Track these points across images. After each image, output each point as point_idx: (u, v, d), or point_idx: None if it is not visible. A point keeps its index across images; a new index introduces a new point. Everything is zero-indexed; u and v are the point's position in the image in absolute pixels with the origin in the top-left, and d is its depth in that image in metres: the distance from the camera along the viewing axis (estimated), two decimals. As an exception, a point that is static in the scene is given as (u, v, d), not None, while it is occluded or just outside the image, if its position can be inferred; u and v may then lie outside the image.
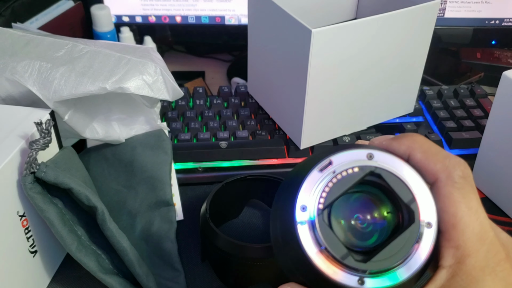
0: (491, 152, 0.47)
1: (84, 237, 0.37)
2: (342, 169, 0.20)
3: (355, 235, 0.22)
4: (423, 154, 0.21)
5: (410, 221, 0.20)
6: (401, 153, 0.22)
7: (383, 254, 0.20)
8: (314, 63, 0.44)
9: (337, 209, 0.21)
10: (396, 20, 0.46)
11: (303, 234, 0.20)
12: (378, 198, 0.22)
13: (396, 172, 0.21)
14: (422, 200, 0.21)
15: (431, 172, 0.21)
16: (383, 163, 0.21)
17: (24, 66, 0.40)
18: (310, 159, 0.22)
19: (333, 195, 0.20)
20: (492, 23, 0.65)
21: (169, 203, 0.43)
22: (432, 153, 0.21)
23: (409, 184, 0.21)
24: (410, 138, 0.22)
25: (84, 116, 0.43)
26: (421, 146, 0.22)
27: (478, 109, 0.57)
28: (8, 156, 0.33)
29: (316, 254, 0.20)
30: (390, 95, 0.53)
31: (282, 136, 0.53)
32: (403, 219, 0.21)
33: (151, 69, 0.41)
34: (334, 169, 0.20)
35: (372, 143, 0.24)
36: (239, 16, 0.67)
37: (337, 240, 0.20)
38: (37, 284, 0.38)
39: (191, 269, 0.41)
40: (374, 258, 0.20)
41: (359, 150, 0.21)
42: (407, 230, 0.20)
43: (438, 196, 0.21)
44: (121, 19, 0.66)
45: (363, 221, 0.22)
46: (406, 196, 0.21)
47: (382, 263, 0.20)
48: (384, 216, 0.22)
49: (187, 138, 0.52)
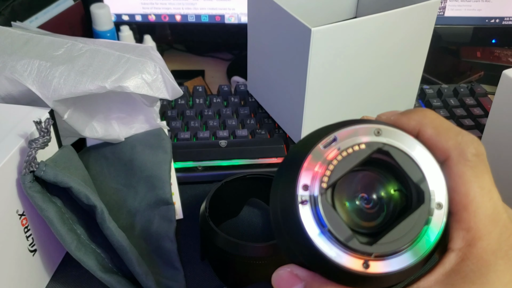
0: (491, 151, 0.47)
1: (83, 236, 0.37)
2: (347, 146, 0.19)
3: (361, 215, 0.20)
4: (434, 130, 0.20)
5: (420, 201, 0.19)
6: (410, 128, 0.21)
7: (390, 237, 0.18)
8: (313, 62, 0.44)
9: (341, 188, 0.20)
10: (396, 19, 0.46)
11: (305, 215, 0.18)
12: (385, 176, 0.20)
13: (405, 150, 0.19)
14: (433, 180, 0.19)
15: (442, 149, 0.20)
16: (391, 140, 0.19)
17: (24, 65, 0.39)
18: (314, 135, 0.20)
19: (337, 174, 0.19)
20: (492, 21, 0.65)
21: (169, 202, 0.43)
22: (443, 129, 0.20)
23: (419, 163, 0.19)
24: (420, 113, 0.21)
25: (83, 115, 0.43)
26: (432, 121, 0.20)
27: (478, 108, 0.57)
28: (8, 155, 0.33)
29: (318, 236, 0.18)
30: (390, 94, 0.53)
31: (281, 135, 0.53)
32: (411, 199, 0.20)
33: (151, 68, 0.41)
34: (339, 145, 0.19)
35: (380, 118, 0.22)
36: (239, 15, 0.67)
37: (341, 221, 0.18)
38: (37, 283, 0.38)
39: (191, 268, 0.41)
40: (380, 240, 0.18)
41: (366, 125, 0.20)
42: (416, 211, 0.19)
43: (449, 175, 0.20)
44: (121, 18, 0.66)
45: (369, 201, 0.20)
46: (416, 175, 0.19)
47: (388, 246, 0.18)
48: (391, 195, 0.20)
49: (186, 137, 0.52)
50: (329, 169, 0.19)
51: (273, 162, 0.51)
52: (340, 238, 0.18)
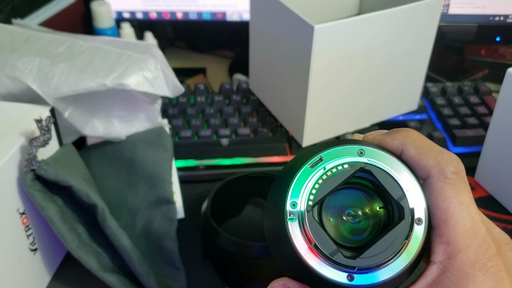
0: (495, 150, 0.47)
1: (84, 235, 0.37)
2: (332, 166, 0.21)
3: (346, 230, 0.22)
4: (416, 149, 0.21)
5: (400, 217, 0.21)
6: (394, 148, 0.22)
7: (372, 251, 0.20)
8: (316, 59, 0.43)
9: (328, 205, 0.22)
10: (400, 16, 0.46)
11: (293, 231, 0.20)
12: (370, 194, 0.22)
13: (386, 169, 0.21)
14: (413, 197, 0.21)
15: (423, 168, 0.21)
16: (373, 160, 0.21)
17: (24, 62, 0.39)
18: (302, 155, 0.22)
19: (323, 192, 0.21)
20: (497, 19, 0.64)
21: (170, 201, 0.43)
22: (425, 149, 0.21)
23: (400, 181, 0.21)
24: (403, 133, 0.22)
25: (84, 113, 0.43)
26: (414, 141, 0.22)
27: (482, 106, 0.56)
28: (8, 154, 0.33)
29: (307, 250, 0.20)
30: (394, 92, 0.52)
31: (284, 133, 0.53)
32: (393, 215, 0.21)
33: (152, 65, 0.41)
34: (325, 165, 0.21)
35: (366, 137, 0.24)
36: (241, 12, 0.66)
37: (327, 237, 0.20)
38: (38, 282, 0.38)
39: (192, 268, 0.41)
40: (363, 254, 0.20)
41: (350, 146, 0.21)
42: (397, 227, 0.20)
43: (430, 192, 0.21)
44: (121, 15, 0.66)
45: (355, 217, 0.22)
46: (396, 193, 0.21)
47: (371, 260, 0.20)
48: (376, 211, 0.22)
49: (188, 135, 0.52)
50: (315, 188, 0.21)
51: (275, 161, 0.50)
52: (326, 252, 0.20)
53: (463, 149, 0.52)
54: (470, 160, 0.51)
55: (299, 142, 0.51)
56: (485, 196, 0.48)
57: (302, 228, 0.20)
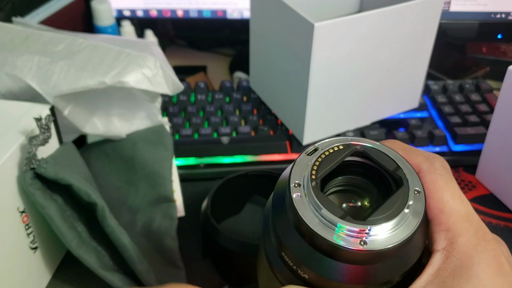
0: (496, 148, 0.46)
1: (84, 234, 0.37)
2: (328, 148, 0.22)
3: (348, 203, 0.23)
4: (404, 151, 0.23)
5: (398, 186, 0.21)
6: None
7: (379, 212, 0.20)
8: (316, 57, 0.43)
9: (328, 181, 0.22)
10: (401, 14, 0.46)
11: (300, 205, 0.20)
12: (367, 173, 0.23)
13: (380, 148, 0.22)
14: (407, 171, 0.22)
15: (414, 164, 0.23)
16: (367, 144, 0.22)
17: (24, 61, 0.39)
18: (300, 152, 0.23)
19: (323, 169, 0.21)
20: (498, 17, 0.64)
21: (170, 199, 0.43)
22: (412, 150, 0.23)
23: (393, 157, 0.22)
24: (390, 141, 0.24)
25: (84, 111, 0.43)
26: (401, 145, 0.24)
27: (484, 104, 0.56)
28: (8, 152, 0.33)
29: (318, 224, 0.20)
30: (395, 90, 0.52)
31: (284, 131, 0.53)
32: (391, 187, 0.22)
33: (151, 62, 0.41)
34: (320, 152, 0.22)
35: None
36: (241, 10, 0.66)
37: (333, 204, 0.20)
38: (38, 281, 0.38)
39: (192, 266, 0.41)
40: (370, 217, 0.20)
41: (344, 137, 0.23)
42: (398, 192, 0.21)
43: (424, 184, 0.22)
44: (122, 13, 0.66)
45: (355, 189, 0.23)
46: (391, 165, 0.22)
47: (379, 220, 0.20)
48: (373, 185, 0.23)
49: (188, 134, 0.52)
50: (315, 167, 0.21)
51: (276, 159, 0.50)
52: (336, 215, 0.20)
53: (464, 147, 0.52)
54: (471, 158, 0.51)
55: (300, 140, 0.51)
56: (486, 194, 0.48)
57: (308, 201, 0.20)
